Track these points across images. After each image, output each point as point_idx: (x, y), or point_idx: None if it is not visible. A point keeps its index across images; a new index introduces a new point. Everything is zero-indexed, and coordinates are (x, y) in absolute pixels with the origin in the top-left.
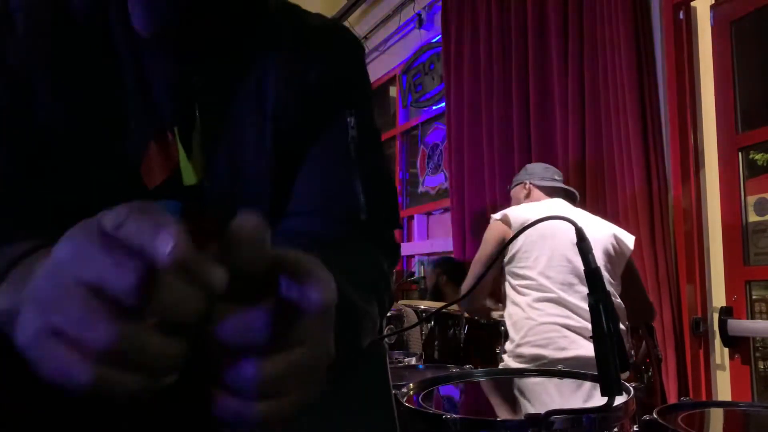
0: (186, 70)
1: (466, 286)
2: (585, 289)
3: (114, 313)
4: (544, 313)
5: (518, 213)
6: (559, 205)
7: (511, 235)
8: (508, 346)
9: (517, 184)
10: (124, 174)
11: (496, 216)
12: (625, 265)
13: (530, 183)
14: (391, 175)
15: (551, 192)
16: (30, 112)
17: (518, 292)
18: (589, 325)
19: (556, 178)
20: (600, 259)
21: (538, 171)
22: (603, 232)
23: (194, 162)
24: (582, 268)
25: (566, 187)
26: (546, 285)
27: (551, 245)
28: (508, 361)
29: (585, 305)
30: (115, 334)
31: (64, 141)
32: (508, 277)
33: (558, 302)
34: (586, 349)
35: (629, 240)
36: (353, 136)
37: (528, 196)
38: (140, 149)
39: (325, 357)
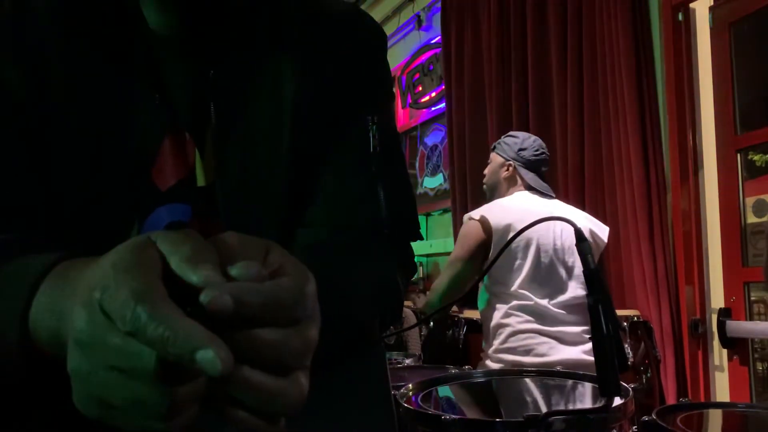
0: (201, 65)
1: (437, 287)
2: (563, 297)
3: (155, 382)
4: (522, 320)
5: (499, 217)
6: (537, 202)
7: (491, 242)
8: (486, 348)
9: (501, 158)
10: (134, 174)
11: (474, 215)
12: (599, 257)
13: (515, 167)
14: (410, 182)
15: (529, 185)
16: (40, 103)
17: (495, 297)
18: (564, 329)
19: (543, 169)
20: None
21: (528, 155)
22: (580, 225)
23: (207, 162)
24: (563, 275)
25: (543, 187)
26: (524, 293)
27: (531, 253)
28: (488, 364)
29: (562, 311)
30: (168, 400)
31: (72, 136)
32: (484, 281)
33: (534, 310)
34: (565, 353)
35: (604, 233)
36: (375, 145)
37: (508, 180)
38: (153, 148)
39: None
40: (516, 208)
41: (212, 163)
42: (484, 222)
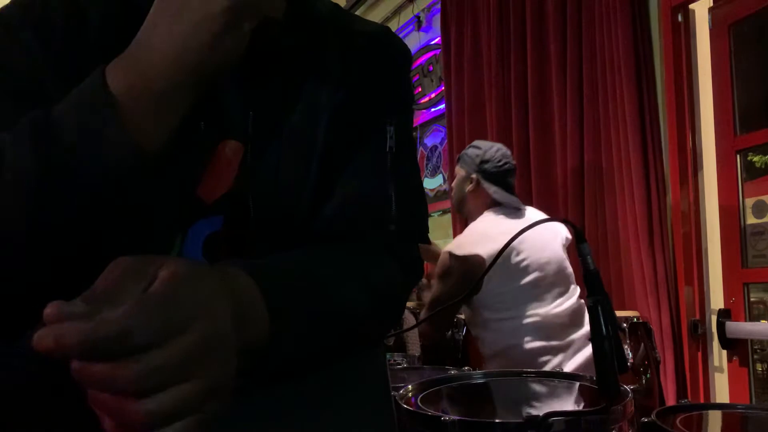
0: (247, 83)
1: (422, 316)
2: (562, 306)
3: None
4: (529, 339)
5: (488, 247)
6: (510, 223)
7: (478, 276)
8: (488, 366)
9: (464, 171)
10: (181, 191)
11: (456, 251)
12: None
13: (479, 180)
14: (423, 187)
15: (494, 200)
16: None
17: (497, 321)
18: (571, 337)
19: (509, 180)
20: (562, 254)
21: (491, 168)
22: (557, 228)
23: (243, 170)
24: (558, 284)
25: (510, 200)
26: (528, 312)
27: (532, 270)
28: None
29: (565, 320)
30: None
31: None
32: (480, 309)
33: (541, 326)
34: (576, 360)
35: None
36: (391, 147)
37: (473, 194)
38: (200, 167)
39: (218, 338)
40: (498, 232)
41: (247, 171)
42: (471, 258)
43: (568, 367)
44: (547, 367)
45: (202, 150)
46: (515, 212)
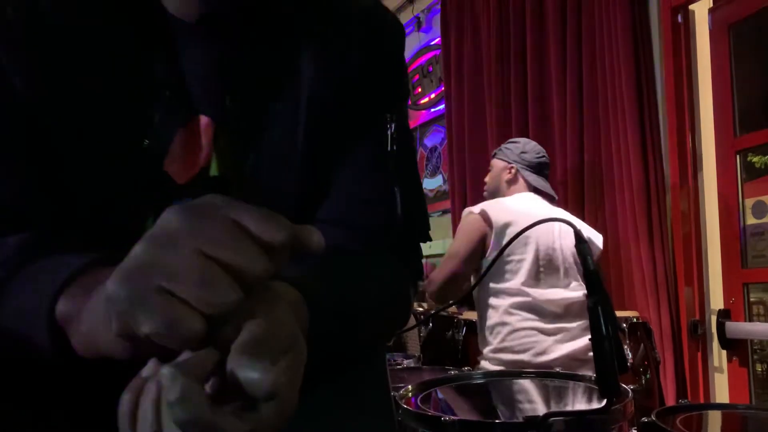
0: (220, 56)
1: (436, 278)
2: (562, 295)
3: (231, 280)
4: (521, 318)
5: (500, 214)
6: (538, 204)
7: (491, 236)
8: (483, 348)
9: (503, 162)
10: (147, 168)
11: (474, 209)
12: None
13: (518, 169)
14: (421, 182)
15: (533, 186)
16: (47, 99)
17: (495, 296)
18: (563, 325)
19: (545, 172)
20: (573, 259)
21: (530, 158)
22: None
23: (220, 153)
24: (562, 273)
25: (547, 188)
26: (524, 290)
27: (530, 250)
28: (485, 365)
29: (561, 308)
30: (233, 297)
31: (82, 131)
32: (484, 279)
33: (533, 307)
34: (564, 349)
35: (599, 241)
36: (392, 142)
37: (511, 182)
38: (165, 142)
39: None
40: (516, 208)
41: (226, 154)
42: (485, 215)
43: (561, 351)
44: (537, 348)
45: (168, 124)
46: (550, 200)
